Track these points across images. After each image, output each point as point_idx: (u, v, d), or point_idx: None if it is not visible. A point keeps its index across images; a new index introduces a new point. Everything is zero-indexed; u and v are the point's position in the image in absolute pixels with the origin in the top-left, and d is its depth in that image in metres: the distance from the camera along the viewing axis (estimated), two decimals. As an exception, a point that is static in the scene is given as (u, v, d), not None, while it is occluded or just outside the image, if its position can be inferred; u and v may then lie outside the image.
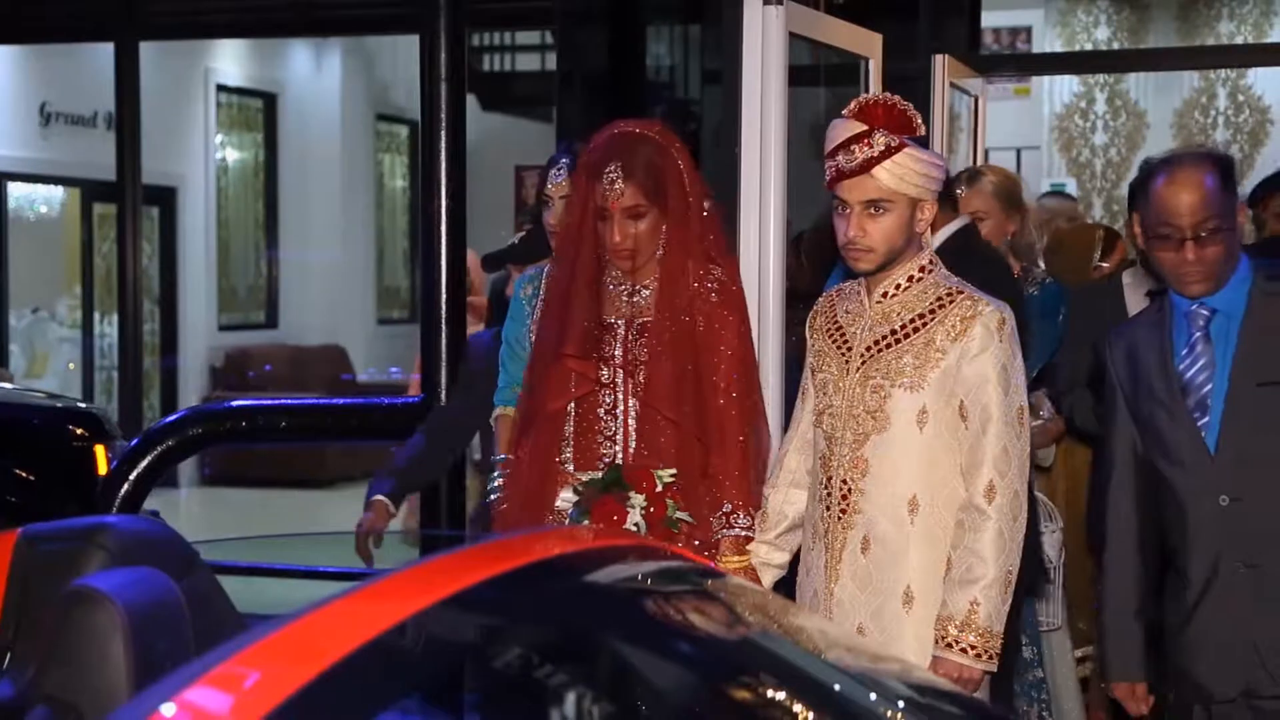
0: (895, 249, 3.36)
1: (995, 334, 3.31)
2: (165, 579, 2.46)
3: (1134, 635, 3.48)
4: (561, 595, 2.26)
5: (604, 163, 3.63)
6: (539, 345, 3.79)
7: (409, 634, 1.98)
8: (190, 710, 1.67)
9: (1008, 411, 3.30)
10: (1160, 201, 3.31)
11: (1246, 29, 12.74)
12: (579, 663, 2.20)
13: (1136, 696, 3.49)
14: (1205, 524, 3.32)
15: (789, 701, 2.26)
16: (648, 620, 2.31)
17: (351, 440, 9.53)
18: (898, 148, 3.29)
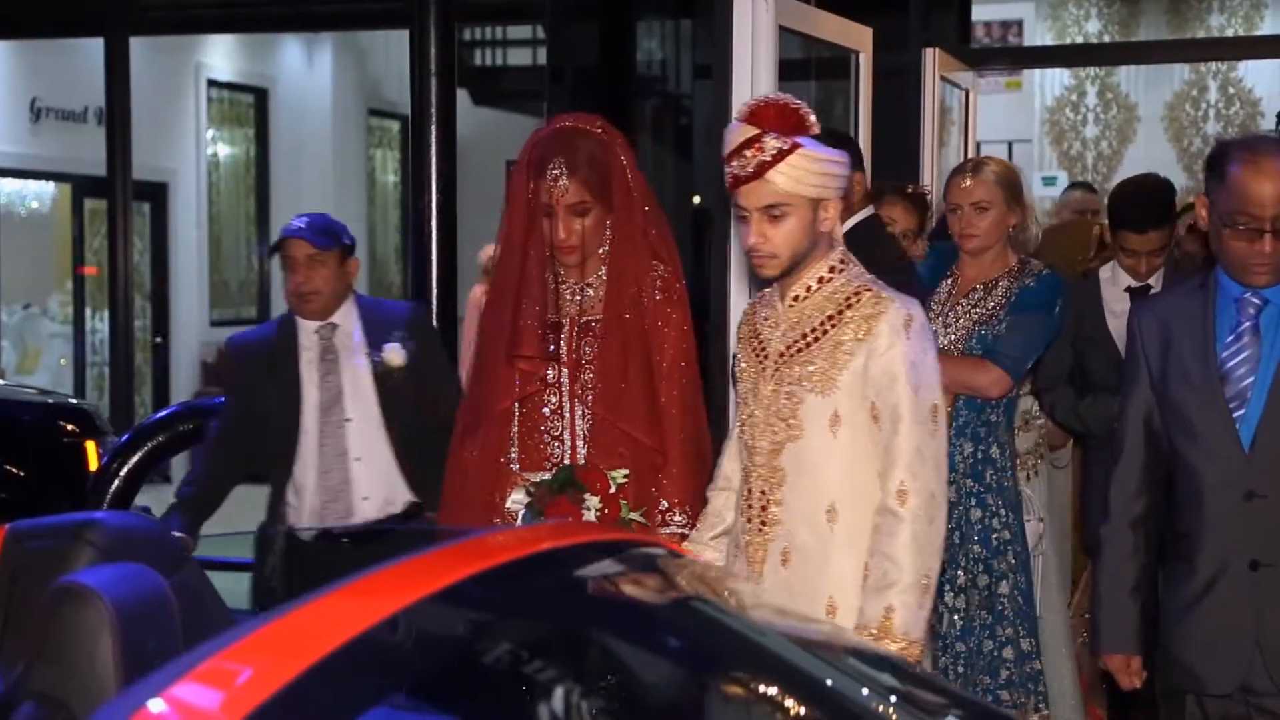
0: (799, 252, 3.27)
1: (902, 331, 3.22)
2: (154, 575, 2.46)
3: (1130, 608, 3.46)
4: (550, 590, 2.26)
5: (547, 159, 3.58)
6: (485, 343, 3.73)
7: (398, 629, 1.98)
8: (178, 706, 1.67)
9: (919, 410, 3.21)
10: (1241, 189, 3.22)
11: (1237, 22, 12.75)
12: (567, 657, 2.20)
13: (1130, 670, 3.48)
14: (1224, 517, 3.29)
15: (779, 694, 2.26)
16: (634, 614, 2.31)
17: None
18: (790, 150, 3.19)
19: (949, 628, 4.36)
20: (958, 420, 4.36)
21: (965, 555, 4.36)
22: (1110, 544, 3.50)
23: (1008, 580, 4.35)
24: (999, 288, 4.44)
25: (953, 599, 4.36)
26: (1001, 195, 4.44)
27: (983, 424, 4.38)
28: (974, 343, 4.38)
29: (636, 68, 6.82)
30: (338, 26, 12.39)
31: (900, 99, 7.14)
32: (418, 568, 2.16)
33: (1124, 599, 3.47)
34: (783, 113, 3.26)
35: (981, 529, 4.36)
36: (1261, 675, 3.28)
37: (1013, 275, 4.46)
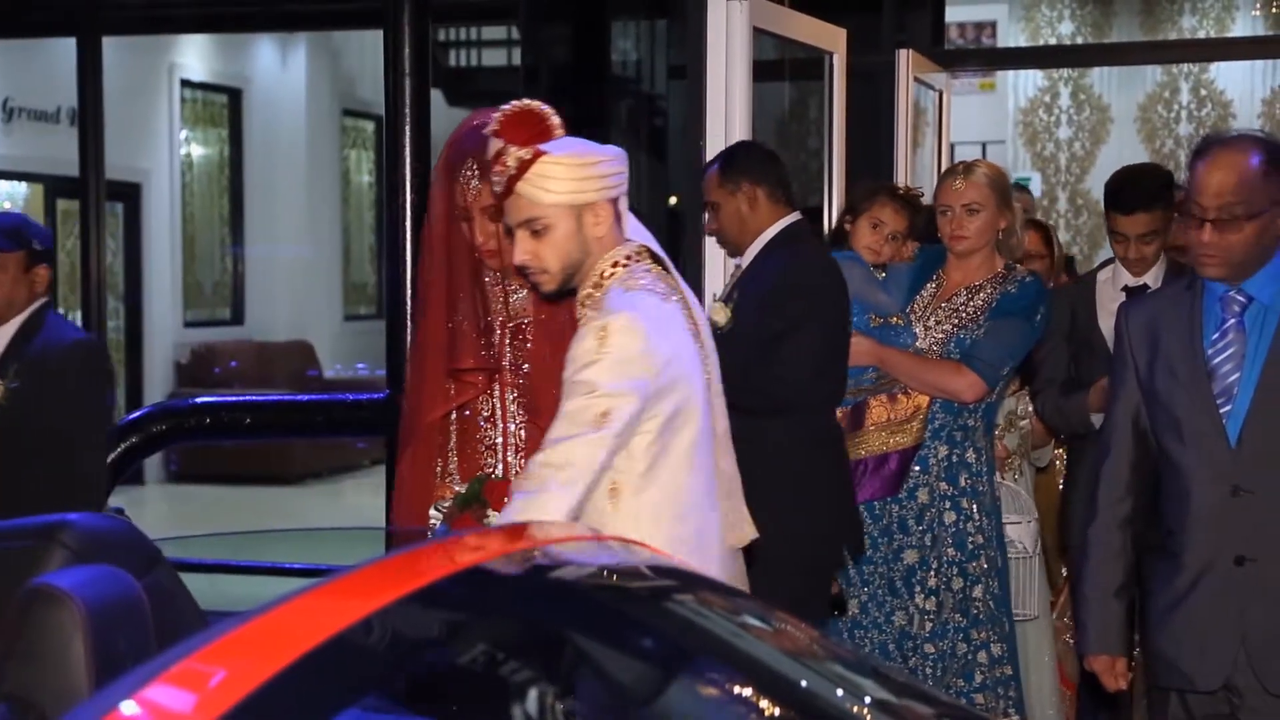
0: (573, 264, 3.09)
1: (595, 343, 2.96)
2: (127, 577, 2.45)
3: (1115, 609, 3.47)
4: (525, 590, 2.26)
5: (460, 161, 3.37)
6: (415, 351, 3.56)
7: (373, 630, 1.97)
8: (151, 708, 1.66)
9: (573, 404, 2.97)
10: (1192, 179, 3.29)
11: (1209, 23, 12.80)
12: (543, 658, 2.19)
13: (1116, 671, 3.48)
14: (1211, 512, 3.30)
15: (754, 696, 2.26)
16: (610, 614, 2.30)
17: (318, 436, 9.52)
18: (532, 159, 3.01)
19: (919, 629, 4.37)
20: (933, 423, 4.36)
21: (938, 558, 4.35)
22: (1096, 544, 3.51)
23: (982, 584, 4.36)
24: (983, 292, 4.44)
25: (923, 600, 4.36)
26: (993, 198, 4.44)
27: (959, 428, 4.37)
28: (952, 346, 4.37)
29: (611, 68, 6.82)
30: (312, 26, 12.37)
31: (874, 100, 7.16)
32: (393, 568, 2.15)
33: (1109, 600, 3.47)
34: (521, 120, 3.06)
35: (956, 532, 4.35)
36: (1245, 671, 3.28)
37: (997, 280, 4.45)
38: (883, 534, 4.42)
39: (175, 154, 13.55)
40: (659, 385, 2.99)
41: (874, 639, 4.41)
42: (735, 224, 4.60)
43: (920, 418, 4.36)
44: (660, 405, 3.01)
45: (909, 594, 4.38)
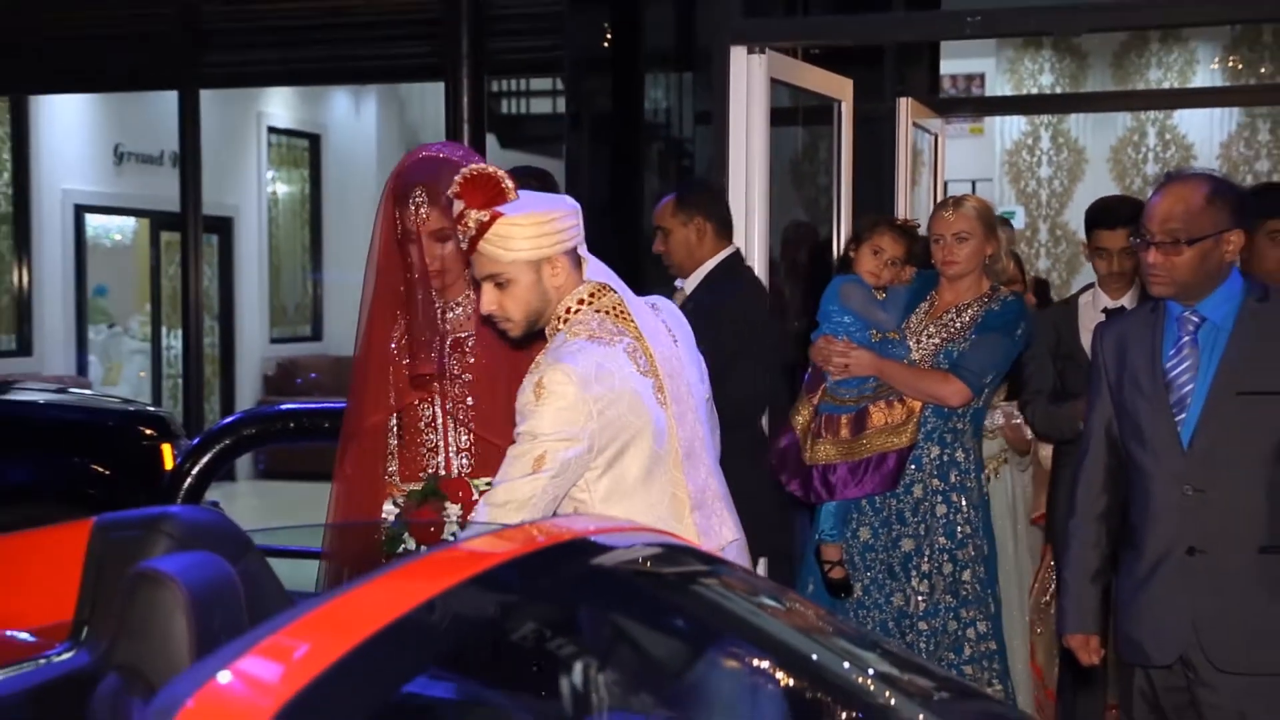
0: (534, 312, 3.02)
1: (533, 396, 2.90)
2: (222, 562, 2.46)
3: (1091, 594, 3.47)
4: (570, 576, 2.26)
5: (409, 188, 3.31)
6: (359, 360, 3.44)
7: (436, 610, 1.97)
8: (243, 677, 1.67)
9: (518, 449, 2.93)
10: (1147, 206, 3.32)
11: (1172, 75, 12.75)
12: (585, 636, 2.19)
13: (1090, 648, 3.49)
14: (1168, 509, 3.29)
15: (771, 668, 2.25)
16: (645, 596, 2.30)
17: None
18: (490, 221, 2.92)
19: (915, 609, 4.36)
20: (925, 426, 4.36)
21: (930, 546, 4.35)
22: (1075, 536, 3.51)
23: (969, 569, 4.35)
24: (969, 311, 4.44)
25: (918, 583, 4.36)
26: (980, 228, 4.44)
27: (949, 430, 4.37)
28: (941, 358, 4.38)
29: (645, 115, 6.82)
30: (381, 79, 12.40)
31: (877, 142, 7.15)
32: (454, 556, 2.16)
33: (1086, 585, 3.47)
34: (478, 184, 2.96)
35: (946, 523, 4.34)
36: (1197, 650, 3.27)
37: (983, 300, 4.45)
38: (882, 525, 4.41)
39: (263, 192, 13.61)
40: (598, 426, 2.92)
41: (875, 618, 4.40)
42: (683, 250, 4.82)
43: (915, 421, 4.35)
44: (606, 445, 2.96)
45: (906, 578, 4.37)
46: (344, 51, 9.12)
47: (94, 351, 12.73)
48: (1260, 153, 12.56)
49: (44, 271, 11.81)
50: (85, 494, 6.00)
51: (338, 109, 14.47)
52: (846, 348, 4.43)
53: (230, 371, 13.33)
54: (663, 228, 4.85)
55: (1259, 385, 3.23)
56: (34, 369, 11.26)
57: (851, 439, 4.39)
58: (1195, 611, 3.27)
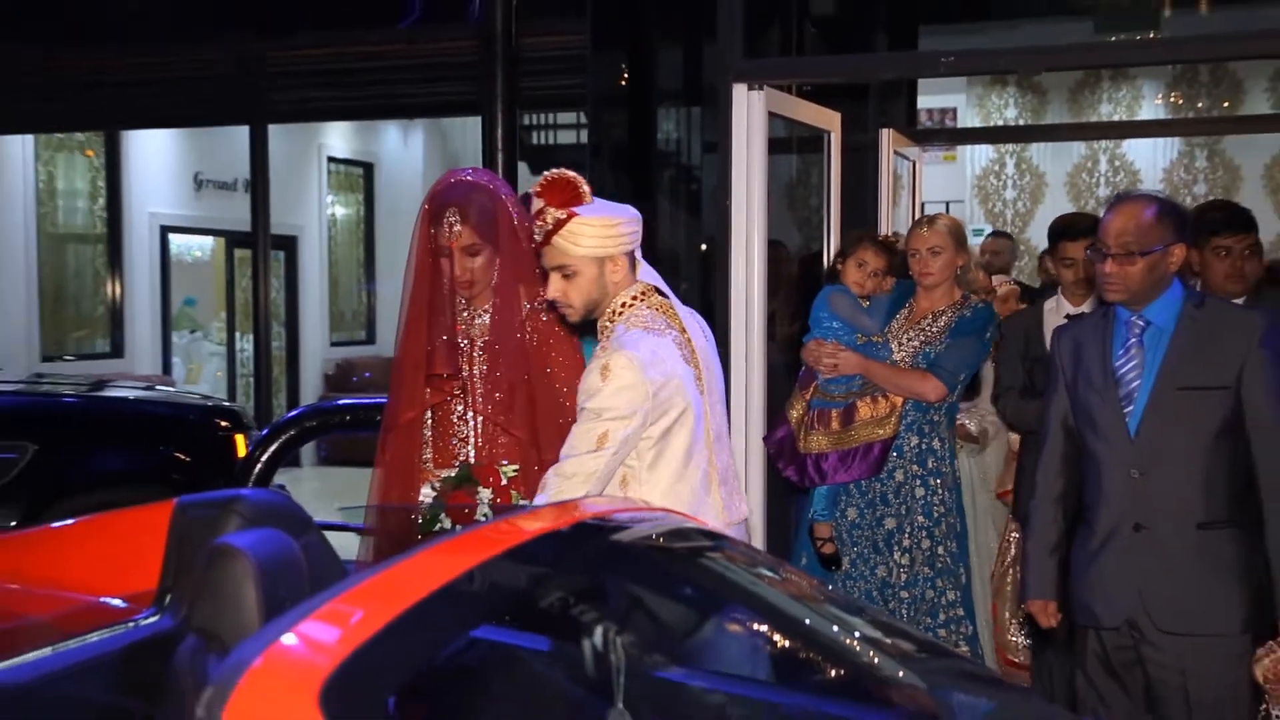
0: (593, 302, 3.06)
1: (599, 379, 2.91)
2: (287, 538, 2.45)
3: (1049, 564, 3.47)
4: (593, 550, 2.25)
5: (444, 209, 3.34)
6: (397, 361, 3.42)
7: (475, 580, 1.97)
8: (305, 639, 1.66)
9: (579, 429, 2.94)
10: (1101, 222, 3.32)
11: (1122, 109, 12.72)
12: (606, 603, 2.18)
13: (1048, 612, 3.48)
14: (1116, 490, 3.29)
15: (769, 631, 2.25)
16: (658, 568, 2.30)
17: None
18: (566, 219, 2.98)
19: (896, 580, 4.35)
20: (906, 418, 4.35)
21: (910, 524, 4.34)
22: (1036, 515, 3.50)
23: (944, 544, 4.34)
24: (944, 317, 4.43)
25: (899, 556, 4.35)
26: (951, 242, 4.43)
27: (927, 422, 4.36)
28: (920, 359, 4.37)
29: (658, 145, 6.80)
30: (427, 114, 12.43)
31: (862, 168, 7.12)
32: (489, 533, 2.15)
33: (1045, 557, 3.47)
34: (559, 186, 3.02)
35: (925, 504, 4.34)
36: (1142, 614, 3.27)
37: (956, 307, 4.44)
38: (868, 505, 4.40)
39: (323, 214, 13.63)
40: (652, 405, 2.94)
41: (861, 588, 4.39)
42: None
43: (897, 414, 4.34)
44: (657, 420, 2.98)
45: (889, 552, 4.36)
46: (393, 90, 9.13)
47: (177, 354, 12.76)
48: (1198, 177, 12.52)
49: (134, 284, 11.85)
50: (169, 478, 6.01)
51: (389, 140, 14.50)
52: (835, 350, 4.42)
53: (295, 371, 13.36)
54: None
55: (1197, 381, 3.22)
56: (125, 369, 11.30)
57: (841, 430, 4.39)
58: (1140, 580, 3.26)
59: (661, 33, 6.71)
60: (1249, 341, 3.20)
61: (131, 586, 2.73)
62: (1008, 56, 6.79)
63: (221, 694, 1.47)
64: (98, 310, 11.82)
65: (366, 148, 14.24)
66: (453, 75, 8.47)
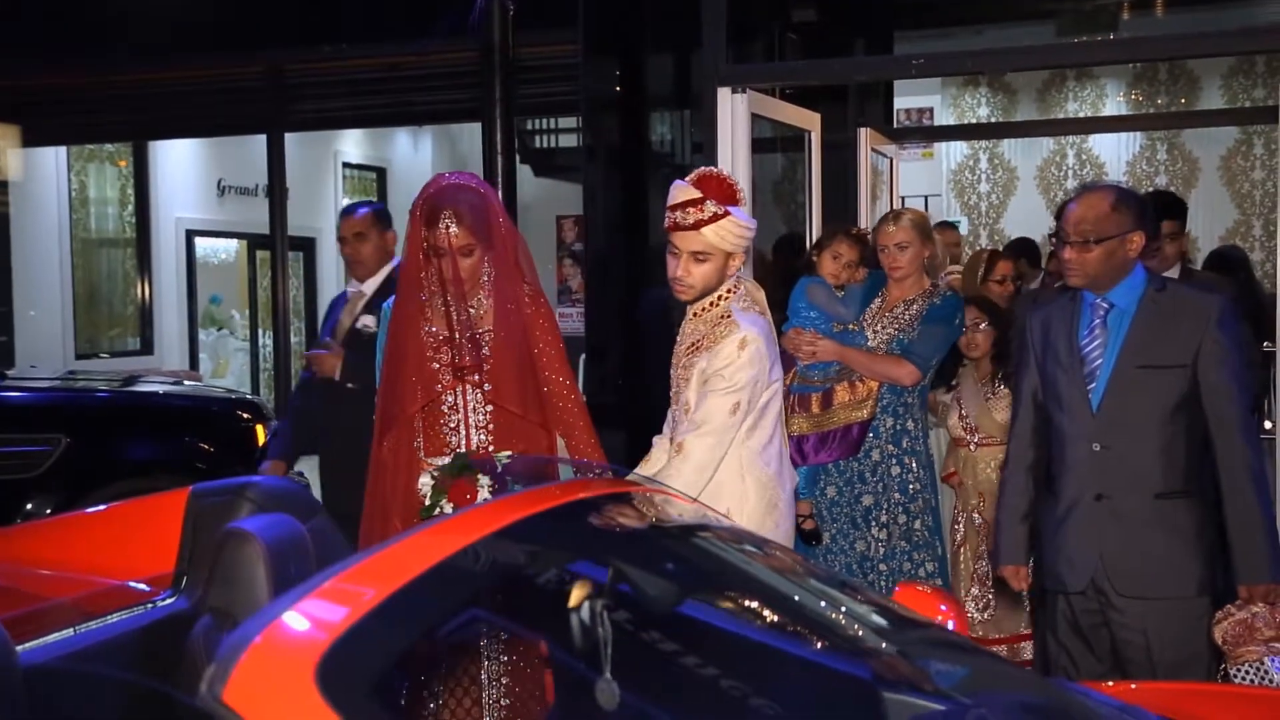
0: (709, 287, 3.28)
1: (736, 350, 3.17)
2: (295, 522, 2.44)
3: (1020, 531, 3.46)
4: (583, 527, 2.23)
5: (438, 211, 3.27)
6: (394, 359, 3.34)
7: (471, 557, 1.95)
8: (308, 615, 1.64)
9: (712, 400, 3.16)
10: (1064, 212, 3.32)
11: (1087, 106, 12.68)
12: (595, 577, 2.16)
13: (1019, 576, 3.48)
14: (1079, 461, 3.28)
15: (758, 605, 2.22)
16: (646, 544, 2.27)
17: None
18: (722, 215, 3.17)
19: (874, 553, 4.33)
20: (882, 401, 4.32)
21: (888, 500, 4.32)
22: (1007, 484, 3.50)
23: (919, 519, 4.32)
24: (915, 305, 4.41)
25: (877, 531, 4.33)
26: (916, 236, 4.41)
27: (901, 404, 4.34)
28: (894, 346, 4.35)
29: (650, 146, 6.77)
30: (433, 121, 12.37)
31: (842, 165, 7.10)
32: (485, 512, 2.13)
33: (1017, 524, 3.46)
34: (719, 184, 3.22)
35: (900, 482, 4.31)
36: (1104, 579, 3.27)
37: (926, 295, 4.42)
38: (846, 484, 4.38)
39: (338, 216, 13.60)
40: (764, 377, 3.22)
41: (841, 562, 4.37)
42: (376, 255, 4.94)
43: (873, 398, 4.32)
44: (761, 389, 3.24)
45: (866, 527, 4.34)
46: (402, 98, 9.08)
47: (204, 350, 12.74)
48: (1159, 169, 12.48)
49: (162, 285, 11.82)
50: (194, 466, 5.99)
51: (400, 146, 14.46)
52: (814, 338, 4.40)
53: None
54: (359, 233, 4.95)
55: (1155, 360, 3.21)
56: (154, 365, 11.28)
57: (820, 413, 4.36)
58: (1102, 546, 3.26)
59: (651, 41, 6.68)
60: (1206, 324, 3.19)
61: (150, 570, 2.71)
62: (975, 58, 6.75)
63: (224, 670, 1.44)
64: (128, 310, 11.79)
65: (379, 153, 14.20)
66: (456, 84, 8.43)
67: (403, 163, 14.46)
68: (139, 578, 2.70)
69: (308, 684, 1.44)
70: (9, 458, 5.70)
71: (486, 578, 2.01)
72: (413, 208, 3.36)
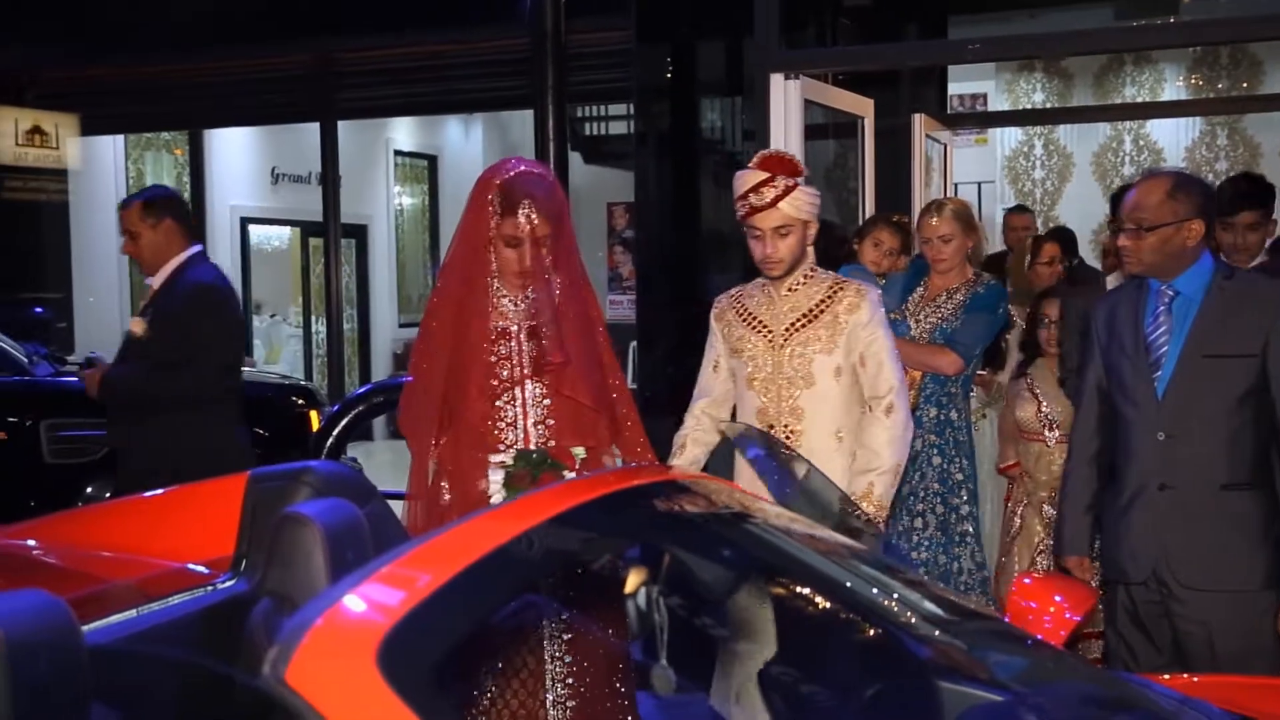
0: (795, 259, 3.40)
1: (879, 306, 3.42)
2: (352, 507, 2.45)
3: (1085, 522, 3.42)
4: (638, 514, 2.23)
5: (518, 200, 3.13)
6: (463, 350, 3.19)
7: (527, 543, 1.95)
8: (366, 599, 1.65)
9: (893, 356, 3.38)
10: (1124, 198, 3.28)
11: (1145, 91, 12.49)
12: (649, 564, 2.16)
13: (1084, 568, 3.44)
14: (1144, 451, 3.24)
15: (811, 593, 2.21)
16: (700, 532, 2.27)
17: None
18: (793, 187, 3.32)
19: (909, 542, 4.30)
20: (925, 390, 4.30)
21: (925, 490, 4.30)
22: (1072, 475, 3.46)
23: (959, 511, 4.27)
24: (958, 294, 4.38)
25: (911, 521, 4.30)
26: (959, 227, 4.39)
27: (945, 394, 4.31)
28: (937, 335, 4.33)
29: (701, 133, 6.76)
30: (485, 108, 12.41)
31: (895, 152, 7.05)
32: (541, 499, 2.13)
33: (1081, 515, 3.42)
34: (785, 161, 3.38)
35: (940, 472, 4.28)
36: (1167, 570, 3.22)
37: (969, 284, 4.40)
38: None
39: (390, 204, 13.68)
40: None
41: (875, 551, 4.34)
42: (152, 251, 4.50)
43: (916, 387, 4.30)
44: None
45: (900, 516, 4.31)
46: (453, 86, 9.11)
47: (258, 336, 12.87)
48: (1219, 155, 12.28)
49: (216, 272, 11.94)
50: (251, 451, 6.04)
51: (451, 134, 14.51)
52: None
53: (366, 351, 13.43)
54: (131, 231, 4.49)
55: (1222, 349, 3.16)
56: (209, 351, 11.38)
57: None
58: (1165, 537, 3.21)
59: (702, 27, 6.65)
60: (1275, 312, 3.13)
61: (210, 553, 2.74)
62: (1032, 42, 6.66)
63: (286, 652, 1.46)
64: (184, 297, 11.92)
65: (430, 141, 14.26)
66: (508, 71, 8.45)
67: (453, 150, 14.51)
68: (198, 560, 2.73)
69: (369, 667, 1.45)
70: (69, 442, 5.79)
71: (543, 564, 2.02)
72: (477, 195, 3.22)
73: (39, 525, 2.98)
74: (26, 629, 1.64)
